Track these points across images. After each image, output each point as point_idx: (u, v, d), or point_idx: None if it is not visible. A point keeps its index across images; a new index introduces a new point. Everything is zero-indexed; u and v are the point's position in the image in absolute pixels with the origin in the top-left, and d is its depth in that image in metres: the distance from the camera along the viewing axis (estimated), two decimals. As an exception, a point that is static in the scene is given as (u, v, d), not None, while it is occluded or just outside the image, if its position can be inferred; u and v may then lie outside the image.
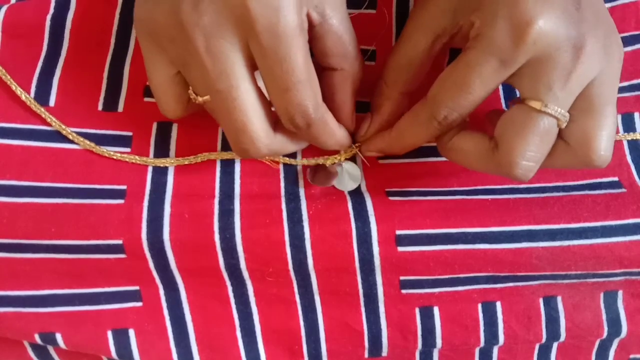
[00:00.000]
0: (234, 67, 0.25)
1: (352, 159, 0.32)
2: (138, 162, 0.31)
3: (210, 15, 0.24)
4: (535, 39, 0.24)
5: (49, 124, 0.31)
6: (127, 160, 0.31)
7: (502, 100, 0.34)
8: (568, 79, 0.25)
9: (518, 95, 0.33)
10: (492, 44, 0.24)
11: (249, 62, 0.25)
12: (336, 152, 0.32)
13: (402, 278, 0.31)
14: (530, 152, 0.26)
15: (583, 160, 0.26)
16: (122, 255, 0.29)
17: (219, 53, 0.25)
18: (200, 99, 0.27)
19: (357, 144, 0.32)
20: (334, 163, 0.32)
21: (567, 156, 0.27)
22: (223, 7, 0.24)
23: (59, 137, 0.31)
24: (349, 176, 0.32)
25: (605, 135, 0.26)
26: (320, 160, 0.32)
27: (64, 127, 0.31)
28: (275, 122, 0.28)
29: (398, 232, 0.30)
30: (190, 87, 0.27)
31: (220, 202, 0.30)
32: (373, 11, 0.33)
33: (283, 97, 0.26)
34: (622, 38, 0.33)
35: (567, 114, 0.26)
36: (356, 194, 0.31)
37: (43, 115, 0.31)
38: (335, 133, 0.29)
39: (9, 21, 0.32)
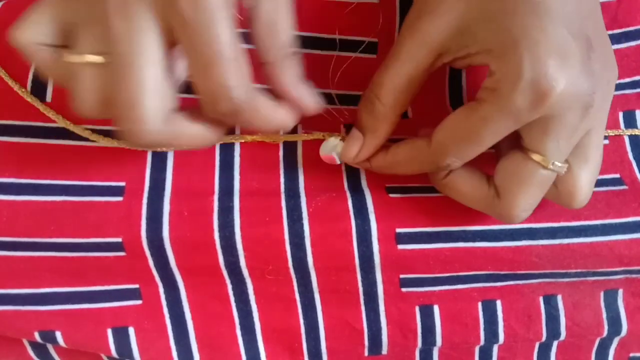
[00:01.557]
0: (141, 32, 0.22)
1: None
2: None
3: None
4: (553, 104, 0.24)
5: (47, 120, 0.31)
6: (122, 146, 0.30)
7: None
8: (573, 135, 0.25)
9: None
10: (511, 105, 0.24)
11: (164, 35, 0.23)
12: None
13: (402, 276, 0.31)
14: (530, 202, 0.27)
15: (564, 202, 0.28)
16: (122, 253, 0.29)
17: (130, 14, 0.22)
18: (72, 57, 0.23)
19: (341, 135, 0.31)
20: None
21: (550, 195, 0.28)
22: None
23: (57, 133, 0.31)
24: (332, 148, 0.30)
25: (589, 185, 0.27)
26: (319, 135, 0.31)
27: (61, 119, 0.30)
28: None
29: (398, 230, 0.30)
30: (70, 44, 0.24)
31: (219, 199, 0.30)
32: (376, 0, 0.33)
33: (205, 74, 0.22)
34: (628, 32, 0.33)
35: (566, 166, 0.26)
36: (356, 191, 0.31)
37: (43, 110, 0.30)
38: (271, 119, 0.25)
39: (5, 17, 0.32)
